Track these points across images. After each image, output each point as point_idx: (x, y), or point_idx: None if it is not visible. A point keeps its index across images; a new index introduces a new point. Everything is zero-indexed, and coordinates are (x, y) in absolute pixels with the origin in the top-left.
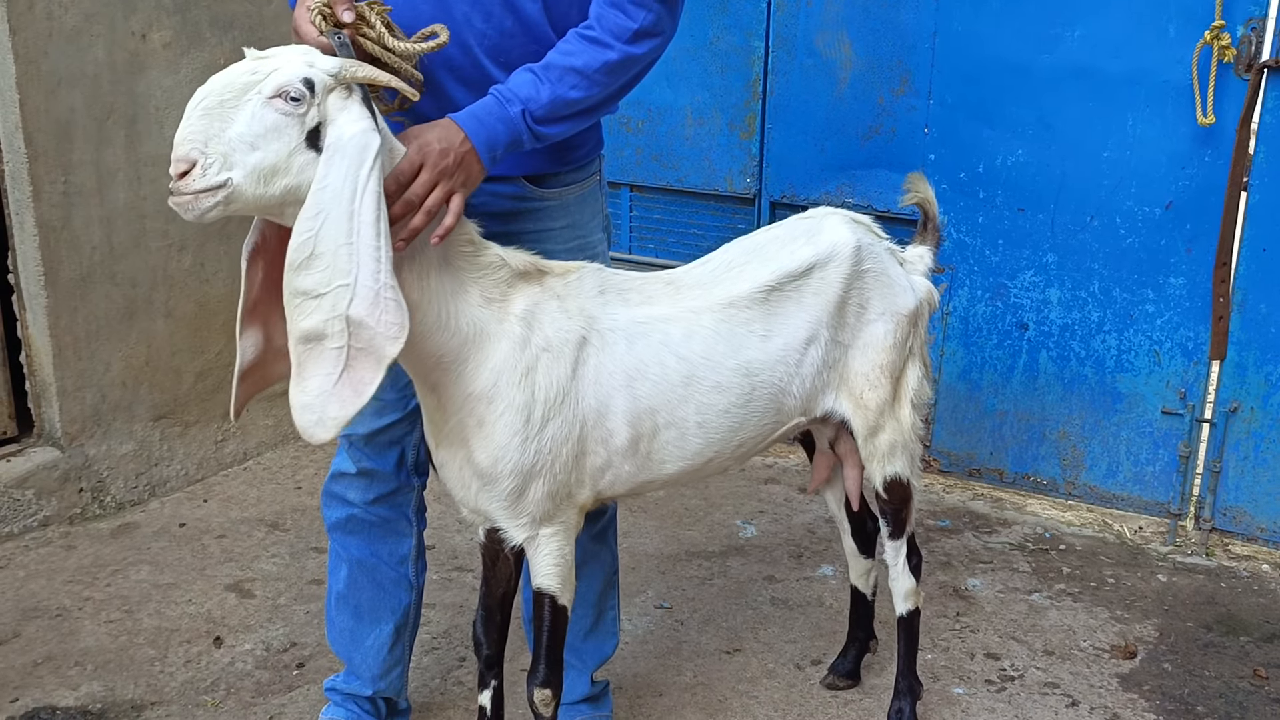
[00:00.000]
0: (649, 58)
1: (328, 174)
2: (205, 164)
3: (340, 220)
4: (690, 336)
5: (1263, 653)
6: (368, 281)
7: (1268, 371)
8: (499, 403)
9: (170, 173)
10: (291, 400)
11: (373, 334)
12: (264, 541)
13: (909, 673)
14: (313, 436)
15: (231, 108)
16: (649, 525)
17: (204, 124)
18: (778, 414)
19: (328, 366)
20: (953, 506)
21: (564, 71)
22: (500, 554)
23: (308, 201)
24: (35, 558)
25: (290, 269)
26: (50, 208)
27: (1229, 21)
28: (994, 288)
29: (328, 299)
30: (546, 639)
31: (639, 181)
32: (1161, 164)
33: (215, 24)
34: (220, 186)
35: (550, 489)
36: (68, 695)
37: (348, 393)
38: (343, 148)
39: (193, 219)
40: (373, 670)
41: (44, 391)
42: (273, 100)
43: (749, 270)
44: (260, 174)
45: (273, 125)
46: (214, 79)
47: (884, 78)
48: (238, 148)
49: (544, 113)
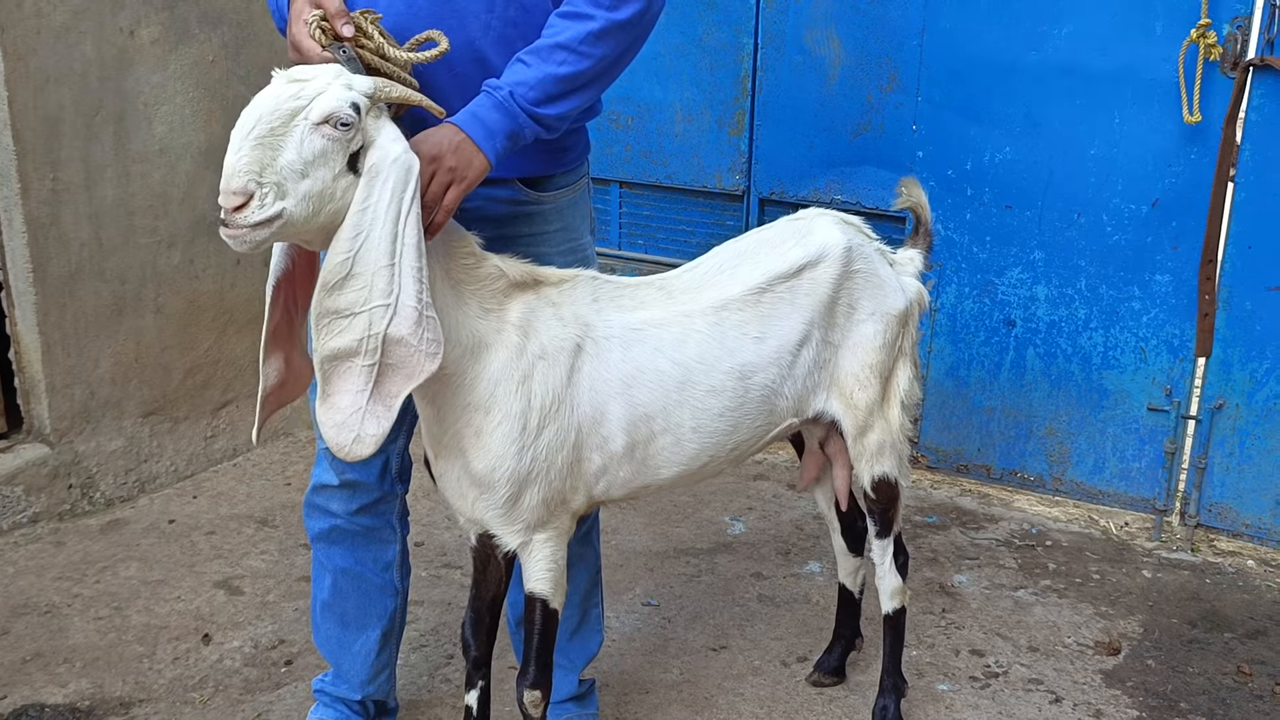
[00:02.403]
0: (636, 26)
1: (369, 195)
2: (261, 195)
3: (382, 241)
4: (684, 341)
5: (1247, 649)
6: (410, 302)
7: (1253, 368)
8: (496, 412)
9: (223, 204)
10: (321, 419)
11: (412, 351)
12: (253, 538)
13: (894, 670)
14: (351, 454)
15: (280, 135)
16: (637, 522)
17: (257, 154)
18: (770, 415)
19: (358, 383)
20: (940, 502)
21: (549, 50)
22: (491, 558)
23: (347, 222)
24: (24, 554)
25: (323, 289)
26: (39, 204)
27: (1215, 19)
28: (981, 285)
29: (362, 318)
30: (538, 642)
31: (628, 178)
32: (1148, 161)
33: (204, 20)
34: (276, 217)
35: (545, 496)
36: (56, 693)
37: (380, 409)
38: (385, 170)
39: (246, 250)
40: (360, 676)
41: (33, 388)
42: (320, 126)
43: (740, 273)
44: (310, 200)
45: (321, 151)
46: (258, 104)
47: (872, 75)
48: (289, 176)
49: (535, 93)
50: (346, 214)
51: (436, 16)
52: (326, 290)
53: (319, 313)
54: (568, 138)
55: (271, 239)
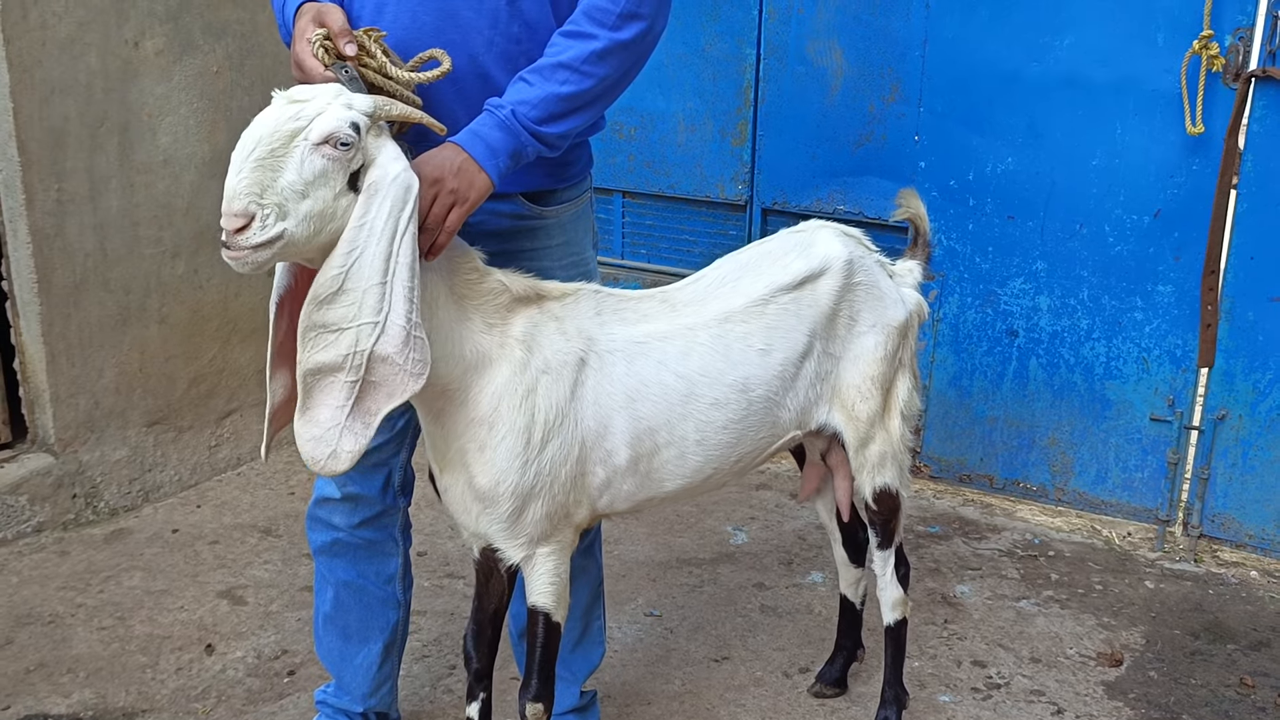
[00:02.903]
0: (638, 46)
1: (366, 212)
2: (263, 217)
3: (375, 259)
4: (688, 354)
5: (1250, 660)
6: (399, 321)
7: (1255, 379)
8: (500, 426)
9: (224, 226)
10: (298, 432)
11: (397, 370)
12: (256, 548)
13: (895, 682)
14: (325, 469)
15: (280, 156)
16: (640, 532)
17: (258, 175)
18: (774, 427)
19: (339, 398)
20: (943, 512)
21: (552, 69)
22: (494, 571)
23: (343, 238)
24: (28, 564)
25: (313, 302)
26: (44, 215)
27: (1217, 31)
28: (984, 295)
29: (348, 334)
30: (540, 655)
31: (631, 188)
32: (1150, 172)
33: (208, 31)
34: (278, 238)
35: (549, 510)
36: (60, 702)
37: (359, 425)
38: (384, 189)
39: (248, 271)
40: (362, 689)
41: (37, 398)
42: (320, 146)
43: (742, 285)
44: (311, 220)
45: (321, 171)
46: (257, 126)
47: (875, 85)
48: (289, 197)
49: (537, 112)
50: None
51: (439, 31)
52: (316, 304)
53: (306, 325)
54: (570, 153)
55: (273, 259)
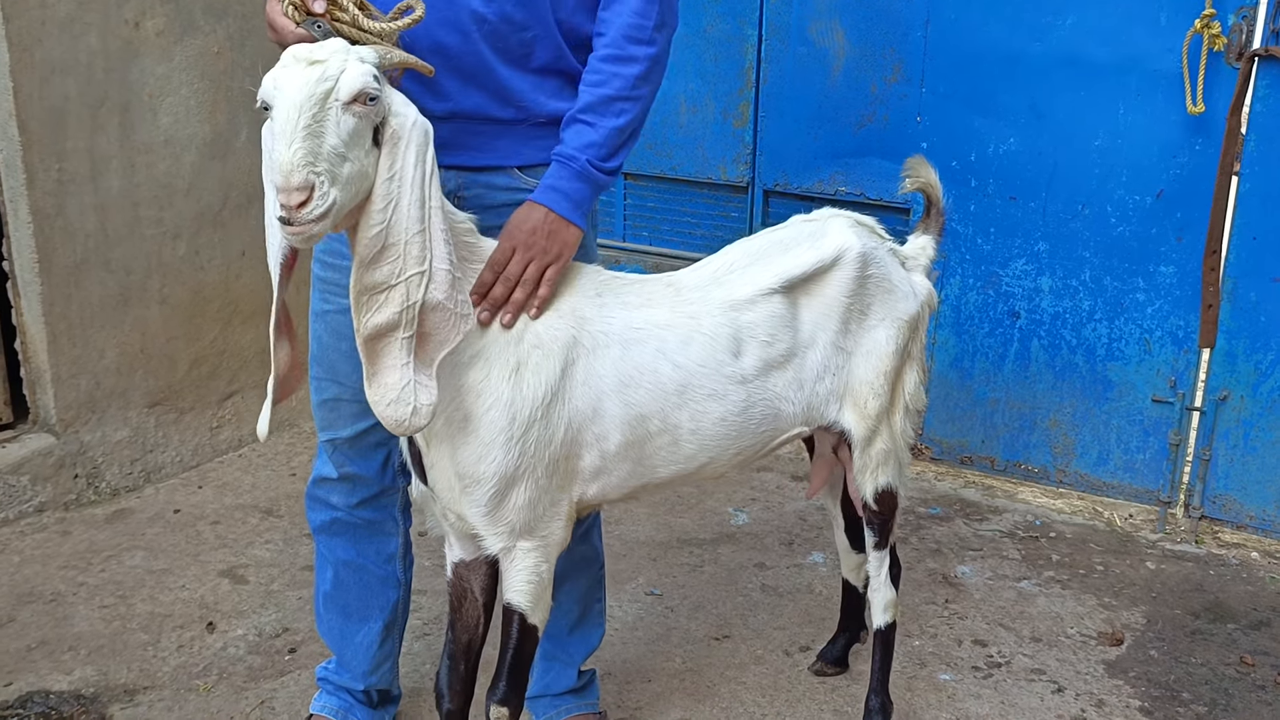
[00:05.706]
0: (666, 53)
1: (394, 162)
2: (320, 186)
3: (412, 207)
4: (688, 343)
5: (1250, 640)
6: (443, 265)
7: (1257, 360)
8: (487, 396)
9: (285, 204)
10: (373, 401)
11: (448, 315)
12: (258, 528)
13: (882, 690)
14: (410, 427)
15: (320, 120)
16: (641, 512)
17: (310, 144)
18: (776, 421)
19: (402, 356)
20: (944, 494)
21: (605, 103)
22: (468, 593)
23: (375, 193)
24: (30, 543)
25: (362, 266)
26: (44, 195)
27: (1219, 10)
28: (986, 276)
29: (399, 289)
30: (511, 657)
31: (633, 169)
32: (1152, 153)
33: (209, 11)
34: (333, 205)
35: (532, 496)
36: (61, 679)
37: (424, 378)
38: (406, 134)
39: (306, 245)
40: (363, 666)
41: (39, 378)
42: (351, 105)
43: (750, 273)
44: (352, 183)
45: (353, 130)
46: (292, 91)
47: (877, 66)
48: (335, 161)
49: (605, 151)
50: (373, 187)
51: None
52: (366, 266)
53: (359, 290)
54: None
55: (326, 229)
